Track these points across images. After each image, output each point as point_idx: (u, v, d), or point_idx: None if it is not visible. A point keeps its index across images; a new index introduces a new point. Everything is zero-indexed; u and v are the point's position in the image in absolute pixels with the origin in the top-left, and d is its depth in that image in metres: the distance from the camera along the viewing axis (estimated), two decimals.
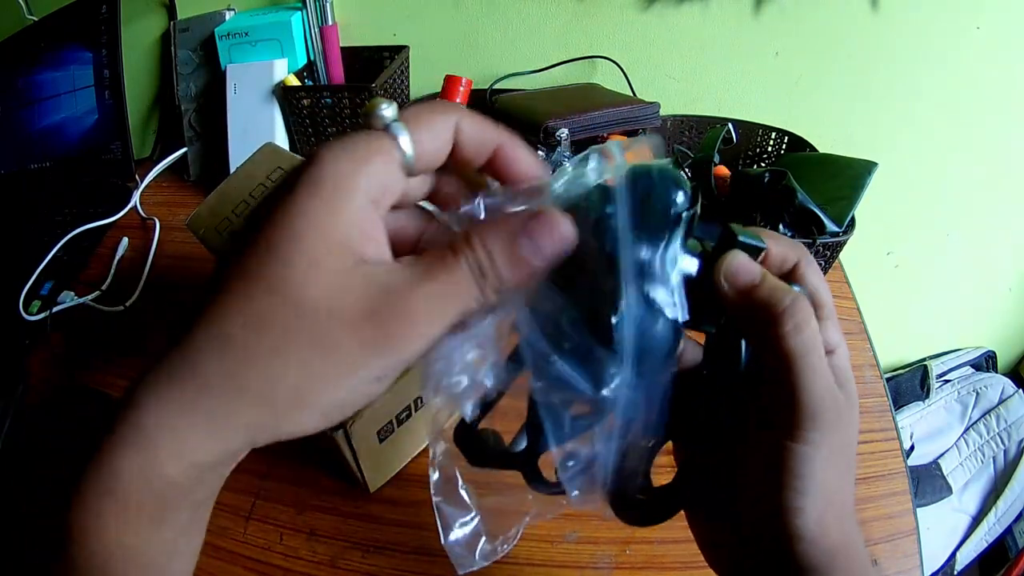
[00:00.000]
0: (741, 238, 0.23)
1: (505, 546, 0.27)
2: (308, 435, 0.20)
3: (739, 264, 0.23)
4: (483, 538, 0.27)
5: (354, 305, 0.18)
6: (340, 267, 0.18)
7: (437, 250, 0.20)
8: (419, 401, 0.45)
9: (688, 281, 0.23)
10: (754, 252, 0.24)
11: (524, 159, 0.23)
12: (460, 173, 0.23)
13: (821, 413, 0.22)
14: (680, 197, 0.22)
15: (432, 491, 0.26)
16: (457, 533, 0.26)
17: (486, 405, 0.25)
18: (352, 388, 0.19)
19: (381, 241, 0.20)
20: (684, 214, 0.22)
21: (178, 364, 0.18)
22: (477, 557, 0.27)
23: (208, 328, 0.18)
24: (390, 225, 0.21)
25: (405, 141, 0.20)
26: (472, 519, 0.26)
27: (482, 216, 0.22)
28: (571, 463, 0.24)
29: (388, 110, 0.20)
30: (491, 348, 0.22)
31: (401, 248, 0.22)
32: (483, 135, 0.22)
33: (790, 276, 0.25)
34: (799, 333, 0.22)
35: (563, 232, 0.20)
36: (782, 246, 0.25)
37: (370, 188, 0.19)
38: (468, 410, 0.25)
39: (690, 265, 0.23)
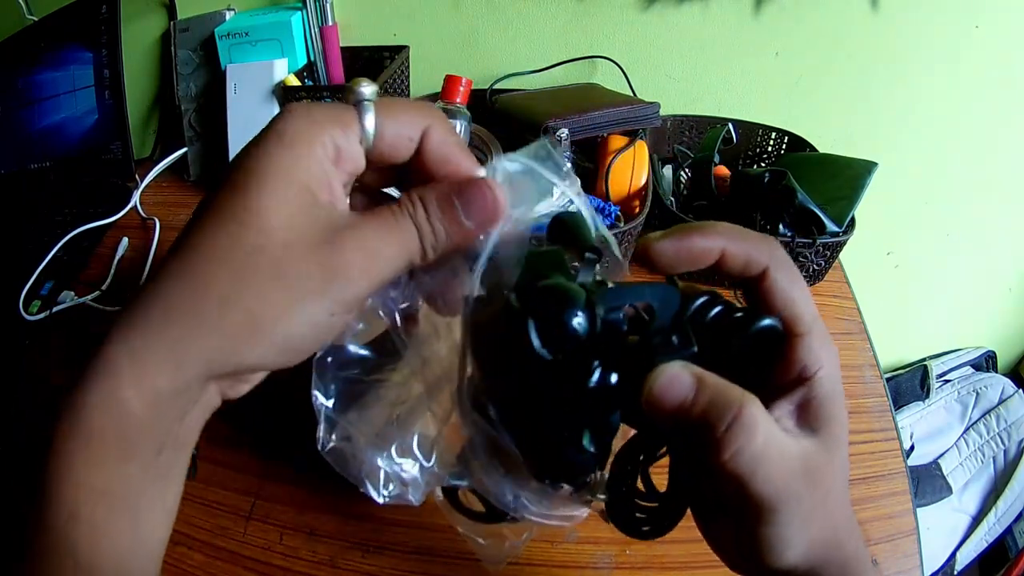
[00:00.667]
0: (659, 359, 0.20)
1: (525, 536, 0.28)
2: (266, 369, 0.21)
3: (663, 385, 0.20)
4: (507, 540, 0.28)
5: (311, 235, 0.19)
6: (300, 202, 0.20)
7: (386, 206, 0.22)
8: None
9: (609, 392, 0.21)
10: (684, 347, 0.21)
11: (461, 170, 0.23)
12: (419, 179, 0.23)
13: (784, 502, 0.20)
14: (577, 319, 0.20)
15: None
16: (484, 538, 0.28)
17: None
18: (306, 320, 0.20)
19: (338, 193, 0.21)
20: (585, 336, 0.20)
21: (148, 295, 0.19)
22: (506, 554, 0.28)
23: (178, 261, 0.19)
24: (350, 200, 0.23)
25: (369, 119, 0.21)
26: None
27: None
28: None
29: (366, 88, 0.22)
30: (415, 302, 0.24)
31: None
32: (447, 153, 0.23)
33: (757, 285, 0.23)
34: (741, 456, 0.20)
35: (494, 202, 0.22)
36: (747, 245, 0.22)
37: (326, 146, 0.21)
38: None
39: (604, 387, 0.21)
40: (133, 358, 0.18)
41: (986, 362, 1.11)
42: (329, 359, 0.24)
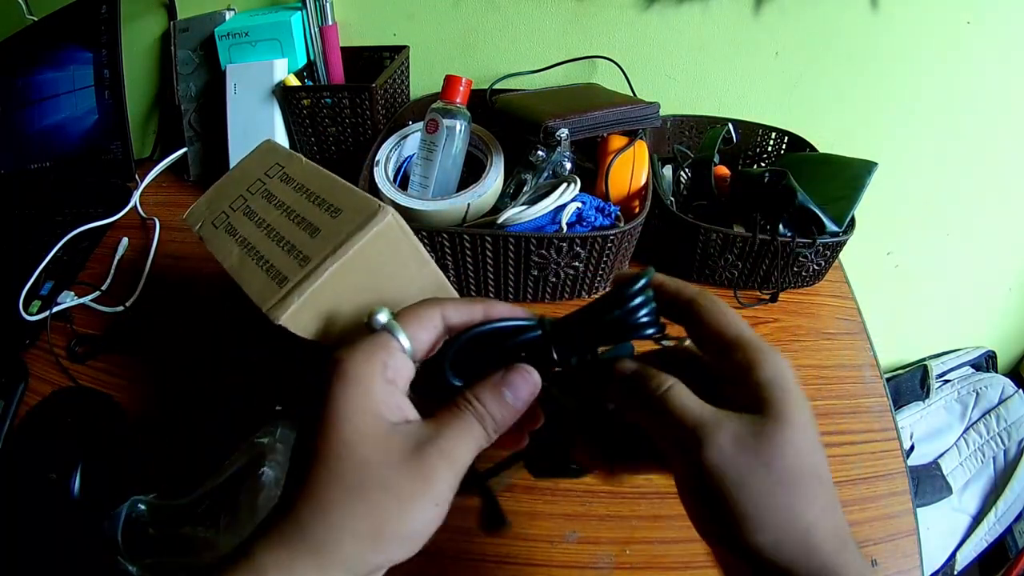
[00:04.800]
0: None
1: None
2: (395, 563, 0.25)
3: (620, 366, 0.29)
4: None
5: (398, 453, 0.24)
6: (379, 430, 0.25)
7: (443, 407, 0.27)
8: None
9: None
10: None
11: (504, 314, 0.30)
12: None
13: (710, 432, 0.25)
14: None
15: None
16: None
17: None
18: (416, 517, 0.24)
19: (405, 408, 0.26)
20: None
21: (288, 526, 0.23)
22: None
23: (305, 496, 0.24)
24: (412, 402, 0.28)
25: (402, 336, 0.27)
26: None
27: None
28: None
29: (382, 315, 0.28)
30: None
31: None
32: (467, 316, 0.29)
33: (689, 313, 0.28)
34: (661, 391, 0.26)
35: (533, 379, 0.28)
36: (678, 283, 0.29)
37: (384, 371, 0.26)
38: None
39: None
40: (280, 567, 0.23)
41: (986, 362, 1.11)
42: None
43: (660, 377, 0.27)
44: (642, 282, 0.28)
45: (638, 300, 0.28)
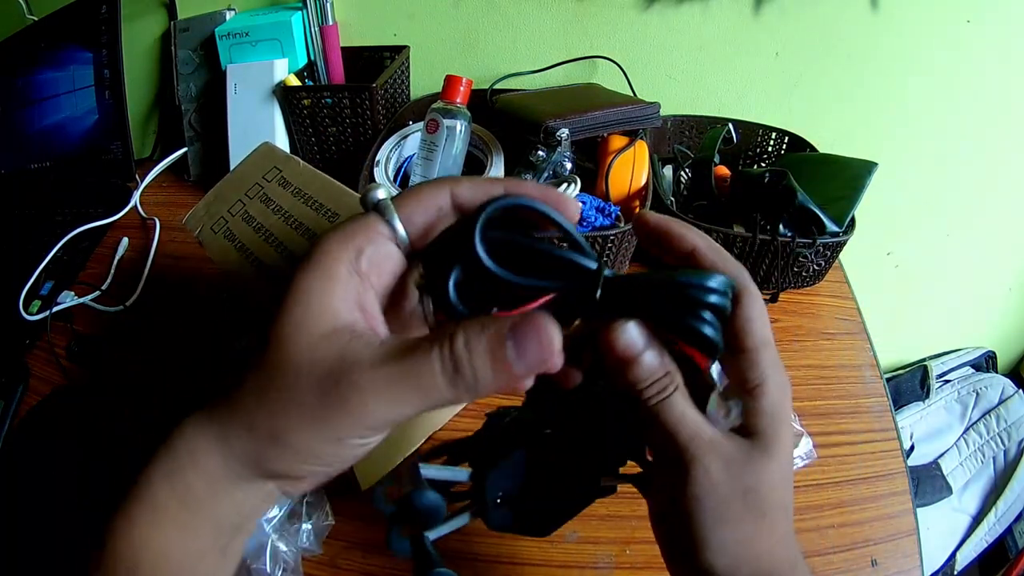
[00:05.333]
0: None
1: None
2: (300, 476, 0.22)
3: (622, 334, 0.23)
4: None
5: (318, 367, 0.20)
6: (316, 332, 0.21)
7: (418, 337, 0.21)
8: None
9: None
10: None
11: (547, 201, 0.23)
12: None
13: (697, 459, 0.23)
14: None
15: None
16: None
17: None
18: (315, 440, 0.21)
19: (371, 312, 0.23)
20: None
21: (219, 403, 0.22)
22: None
23: (237, 378, 0.22)
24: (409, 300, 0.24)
25: (395, 219, 0.23)
26: None
27: None
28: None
29: (378, 191, 0.23)
30: None
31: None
32: (484, 193, 0.23)
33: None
34: (662, 400, 0.24)
35: (550, 341, 0.20)
36: (720, 257, 0.25)
37: (357, 259, 0.22)
38: None
39: None
40: (194, 446, 0.22)
41: (986, 362, 1.11)
42: None
43: (669, 376, 0.23)
44: (723, 286, 0.22)
45: (712, 300, 0.22)
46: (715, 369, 0.25)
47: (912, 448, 1.00)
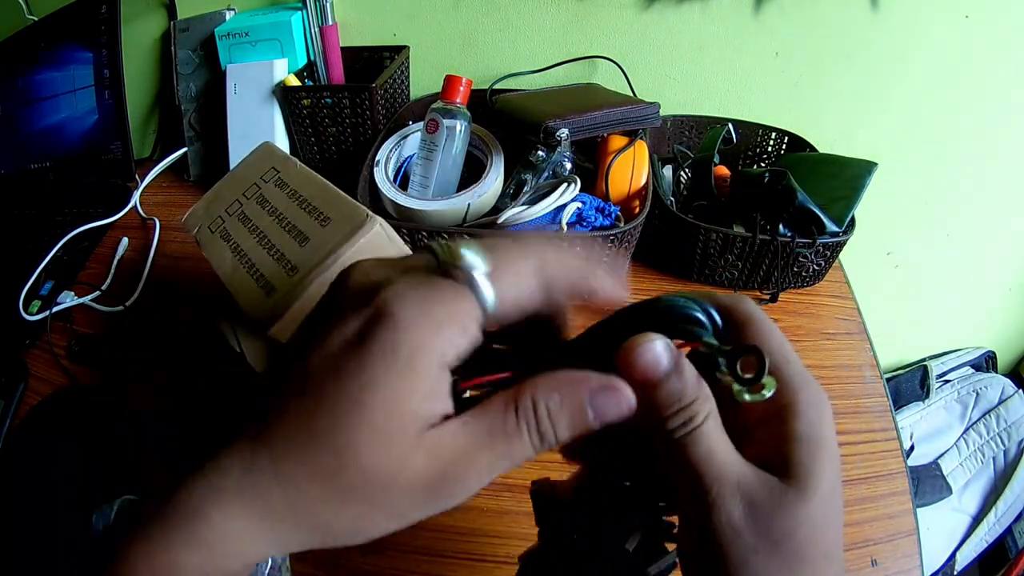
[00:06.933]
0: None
1: None
2: None
3: (644, 351, 0.20)
4: None
5: (416, 476, 0.18)
6: (405, 438, 0.18)
7: (496, 406, 0.19)
8: None
9: None
10: None
11: (607, 288, 0.22)
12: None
13: (718, 501, 0.20)
14: None
15: None
16: None
17: None
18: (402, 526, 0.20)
19: (444, 396, 0.19)
20: None
21: (246, 485, 0.18)
22: None
23: (274, 468, 0.18)
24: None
25: (489, 297, 0.19)
26: None
27: None
28: None
29: (475, 259, 0.19)
30: None
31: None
32: (569, 274, 0.21)
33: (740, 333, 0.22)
34: (685, 433, 0.20)
35: (629, 403, 0.19)
36: (733, 299, 0.22)
37: (446, 355, 0.19)
38: None
39: None
40: (238, 543, 0.18)
41: (986, 362, 1.11)
42: None
43: (699, 402, 0.20)
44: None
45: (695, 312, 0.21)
46: None
47: (912, 448, 1.00)
